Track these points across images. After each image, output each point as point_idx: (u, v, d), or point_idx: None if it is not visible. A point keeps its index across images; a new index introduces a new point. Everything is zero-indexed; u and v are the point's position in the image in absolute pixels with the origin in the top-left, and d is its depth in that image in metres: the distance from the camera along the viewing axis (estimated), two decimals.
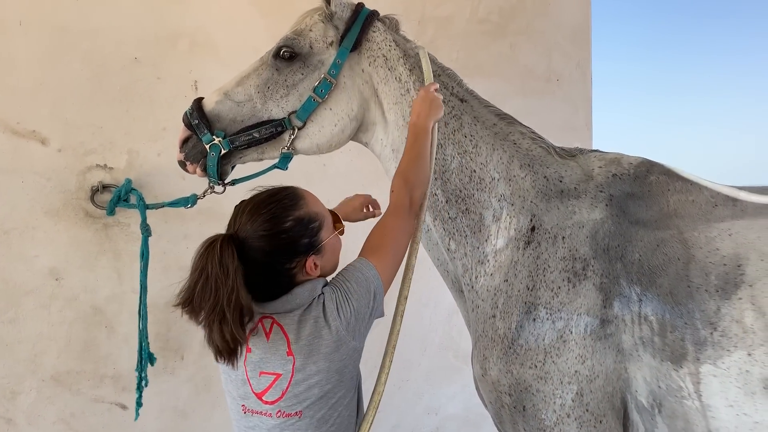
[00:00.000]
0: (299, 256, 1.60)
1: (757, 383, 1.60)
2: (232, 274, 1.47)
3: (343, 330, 1.56)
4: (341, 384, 1.59)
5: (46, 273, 2.68)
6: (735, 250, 1.71)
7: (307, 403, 1.56)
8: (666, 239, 1.80)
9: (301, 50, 2.06)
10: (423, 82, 2.09)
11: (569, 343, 1.79)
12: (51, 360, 2.69)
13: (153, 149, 2.89)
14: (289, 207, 1.61)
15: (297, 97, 2.06)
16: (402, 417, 3.62)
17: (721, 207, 1.84)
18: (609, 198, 1.93)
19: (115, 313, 2.81)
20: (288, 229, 1.58)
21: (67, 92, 2.73)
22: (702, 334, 1.67)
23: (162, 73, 2.92)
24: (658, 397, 1.74)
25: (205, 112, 2.05)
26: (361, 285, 1.62)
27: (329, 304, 1.58)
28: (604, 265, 1.83)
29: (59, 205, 2.70)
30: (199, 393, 3.02)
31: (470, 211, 2.07)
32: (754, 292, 1.64)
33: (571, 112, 4.32)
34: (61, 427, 2.70)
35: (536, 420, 1.82)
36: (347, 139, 2.17)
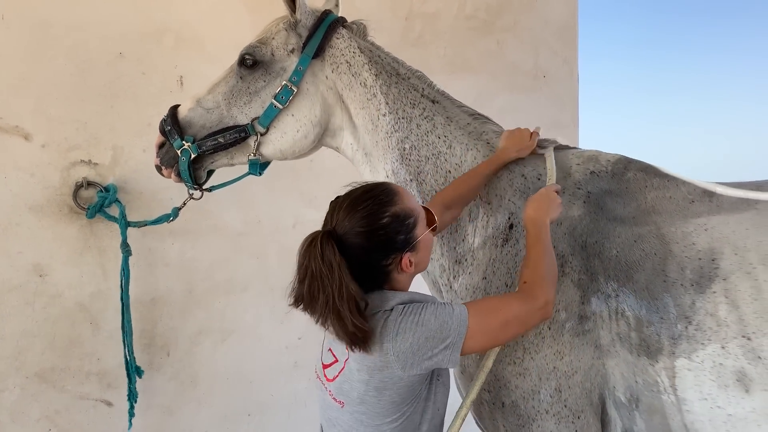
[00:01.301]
0: (395, 253, 1.59)
1: (731, 376, 1.62)
2: (336, 269, 1.48)
3: (392, 355, 1.50)
4: (380, 404, 1.55)
5: (30, 269, 2.66)
6: (710, 245, 1.73)
7: (348, 400, 1.58)
8: (643, 235, 1.81)
9: (263, 58, 2.11)
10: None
11: (547, 339, 1.79)
12: (35, 357, 2.67)
13: (138, 145, 2.87)
14: (385, 203, 1.59)
15: (260, 103, 2.11)
16: None
17: (698, 203, 1.85)
18: (587, 195, 1.94)
19: (99, 310, 2.79)
20: (385, 225, 1.57)
21: (51, 88, 2.71)
22: (677, 329, 1.68)
23: (147, 68, 2.91)
24: (636, 392, 1.75)
25: (178, 119, 2.15)
26: (440, 328, 1.52)
27: (391, 325, 1.52)
28: (582, 261, 1.84)
29: (43, 201, 2.68)
30: (186, 390, 3.01)
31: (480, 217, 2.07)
32: (728, 286, 1.66)
33: (557, 109, 4.33)
34: (46, 424, 2.69)
35: (515, 416, 1.82)
36: (311, 144, 2.18)
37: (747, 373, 1.60)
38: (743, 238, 1.71)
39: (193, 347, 3.02)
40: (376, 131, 2.15)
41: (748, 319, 1.62)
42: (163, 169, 2.21)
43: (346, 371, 1.58)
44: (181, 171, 2.14)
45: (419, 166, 2.11)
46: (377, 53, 2.20)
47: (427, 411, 1.63)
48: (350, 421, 1.60)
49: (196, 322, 3.02)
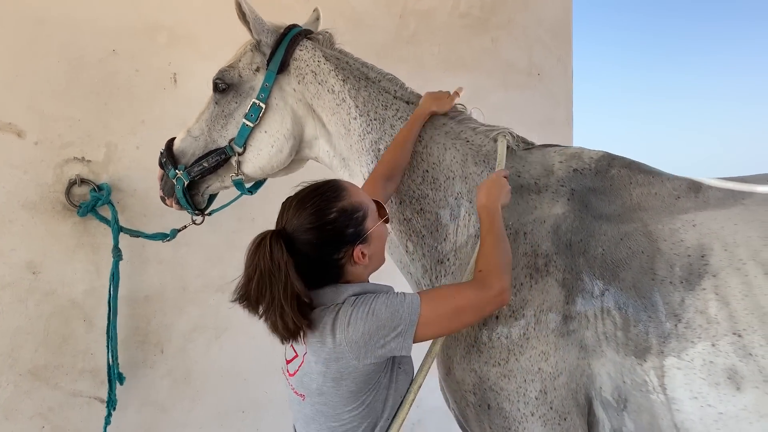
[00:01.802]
0: (346, 246, 1.62)
1: (721, 374, 1.60)
2: (283, 268, 1.52)
3: (345, 345, 1.54)
4: (338, 394, 1.59)
5: (23, 266, 2.65)
6: (699, 241, 1.71)
7: (308, 392, 1.63)
8: (630, 232, 1.80)
9: (232, 80, 2.19)
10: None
11: (532, 340, 1.77)
12: (28, 354, 2.67)
13: (131, 142, 2.87)
14: (332, 199, 1.63)
15: (234, 124, 2.18)
16: None
17: (684, 198, 1.84)
18: (570, 192, 1.92)
19: (93, 307, 2.79)
20: (333, 220, 1.61)
21: (44, 85, 2.70)
22: (666, 327, 1.67)
23: (140, 65, 2.90)
24: (623, 392, 1.73)
25: (172, 150, 2.26)
26: (391, 317, 1.55)
27: (342, 316, 1.56)
28: (567, 260, 1.81)
29: (36, 198, 2.67)
30: (179, 386, 3.01)
31: (425, 211, 2.08)
32: (718, 282, 1.65)
33: (552, 107, 4.34)
34: (39, 421, 2.69)
35: (501, 418, 1.81)
36: (287, 157, 2.23)
37: (738, 370, 1.59)
38: (732, 233, 1.70)
39: (187, 344, 3.02)
40: (350, 135, 2.17)
41: (739, 315, 1.60)
42: (166, 199, 2.33)
43: (305, 365, 1.62)
44: (179, 198, 2.26)
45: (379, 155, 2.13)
46: (345, 60, 2.22)
47: (389, 398, 1.67)
48: (312, 413, 1.65)
49: (190, 319, 3.02)
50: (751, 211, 1.73)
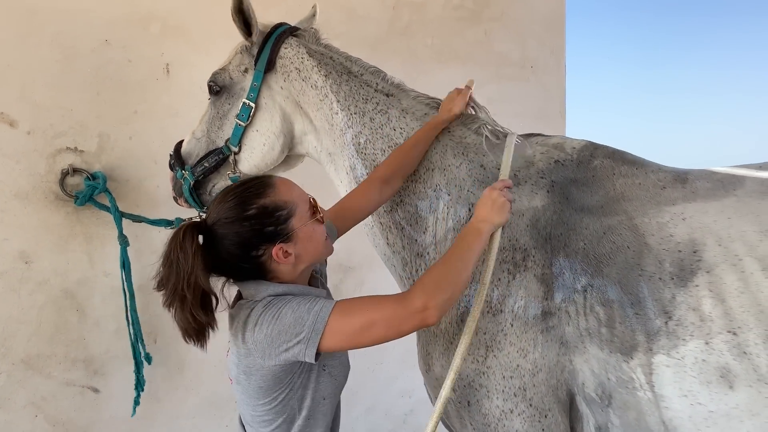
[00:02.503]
0: (264, 244, 1.60)
1: (714, 372, 1.56)
2: (191, 257, 1.52)
3: (251, 344, 1.55)
4: (250, 387, 1.62)
5: (15, 256, 2.65)
6: (690, 236, 1.66)
7: (233, 377, 1.68)
8: (613, 226, 1.75)
9: (224, 83, 2.26)
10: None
11: (510, 336, 1.74)
12: (21, 343, 2.67)
13: (124, 133, 2.87)
14: (254, 195, 1.61)
15: (229, 125, 2.25)
16: (376, 399, 3.66)
17: (670, 189, 1.79)
18: (551, 184, 1.87)
19: (86, 297, 2.79)
20: (251, 216, 1.59)
21: (36, 74, 2.69)
22: (655, 324, 1.62)
23: (133, 55, 2.90)
24: (608, 389, 1.70)
25: (180, 153, 2.35)
26: (294, 323, 1.52)
27: (254, 315, 1.56)
28: (546, 255, 1.78)
29: (29, 188, 2.67)
30: (173, 377, 3.02)
31: (405, 203, 2.07)
32: (712, 279, 1.59)
33: (545, 100, 4.35)
34: (32, 410, 2.69)
35: (480, 415, 1.79)
36: (279, 155, 2.27)
37: (731, 369, 1.55)
38: (726, 227, 1.64)
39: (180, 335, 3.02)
40: (333, 130, 2.18)
41: (735, 313, 1.56)
42: (178, 199, 2.42)
43: (230, 352, 1.66)
44: (186, 197, 2.34)
45: (375, 158, 2.12)
46: (329, 55, 2.22)
47: (306, 399, 1.67)
48: (237, 397, 1.71)
49: None
50: (744, 203, 1.68)
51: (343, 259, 3.54)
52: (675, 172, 1.86)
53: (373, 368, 3.63)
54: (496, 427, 1.77)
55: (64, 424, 2.76)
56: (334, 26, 2.34)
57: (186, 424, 3.05)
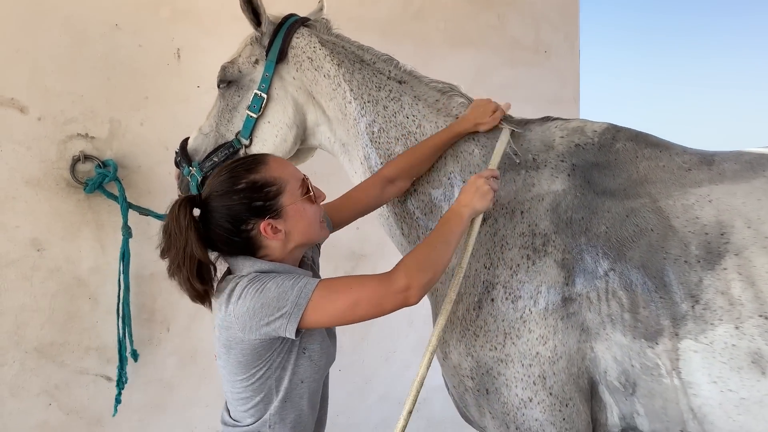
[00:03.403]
0: (253, 219, 1.62)
1: (745, 357, 1.52)
2: (185, 229, 1.58)
3: (233, 317, 1.57)
4: (229, 361, 1.64)
5: (27, 244, 2.64)
6: (717, 218, 1.61)
7: (217, 351, 1.70)
8: (636, 209, 1.71)
9: (233, 75, 2.22)
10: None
11: (529, 323, 1.71)
12: (34, 331, 2.66)
13: (135, 118, 2.84)
14: (246, 171, 1.65)
15: (239, 117, 2.21)
16: (389, 388, 3.64)
17: (696, 171, 1.74)
18: (571, 168, 1.84)
19: (98, 285, 2.77)
20: (240, 190, 1.62)
21: (46, 59, 2.66)
22: (681, 308, 1.58)
23: (143, 40, 2.86)
24: (632, 376, 1.66)
25: (186, 149, 2.29)
26: (277, 297, 1.54)
27: (238, 288, 1.58)
28: (567, 239, 1.74)
29: (40, 174, 2.65)
30: (186, 365, 3.00)
31: (418, 192, 2.05)
32: (741, 261, 1.55)
33: (558, 85, 4.29)
34: (45, 399, 2.68)
35: (499, 404, 1.76)
36: (292, 146, 2.24)
37: (764, 354, 1.50)
38: (756, 209, 1.59)
39: (193, 323, 3.00)
40: (346, 119, 2.15)
41: (766, 297, 1.51)
42: None
43: (215, 326, 1.67)
44: None
45: (389, 147, 2.09)
46: (341, 44, 2.19)
47: (283, 380, 1.67)
48: (220, 372, 1.73)
49: None
50: None
51: (356, 248, 3.51)
52: (701, 154, 1.81)
53: (386, 357, 3.61)
54: (515, 415, 1.74)
55: (78, 412, 2.75)
56: (346, 10, 2.30)
57: (199, 412, 3.04)
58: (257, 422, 1.67)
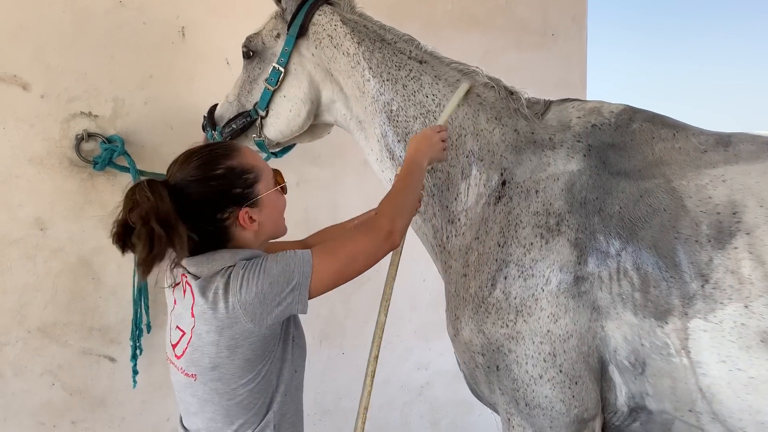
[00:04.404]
0: (231, 206, 1.57)
1: (754, 337, 1.52)
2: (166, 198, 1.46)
3: (239, 308, 1.49)
4: (232, 362, 1.54)
5: (30, 223, 2.61)
6: (730, 197, 1.62)
7: (200, 369, 1.56)
8: (651, 189, 1.72)
9: (256, 47, 2.30)
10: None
11: (541, 301, 1.73)
12: (37, 311, 2.64)
13: (139, 97, 2.80)
14: (221, 156, 1.60)
15: (258, 89, 2.29)
16: (392, 372, 3.64)
17: (712, 153, 1.74)
18: (587, 148, 1.85)
19: (102, 265, 2.75)
20: (219, 176, 1.56)
21: (49, 36, 2.62)
22: (691, 288, 1.59)
23: (148, 17, 2.82)
24: (641, 355, 1.68)
25: (213, 115, 2.41)
26: (282, 272, 1.52)
27: (234, 279, 1.51)
28: (580, 219, 1.75)
29: (43, 153, 2.62)
30: None
31: (436, 170, 2.06)
32: (752, 241, 1.55)
33: (565, 68, 4.25)
34: (49, 378, 2.67)
35: (509, 380, 1.78)
36: (304, 121, 2.27)
37: None
38: None
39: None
40: (364, 97, 2.17)
41: None
42: None
43: (194, 340, 1.54)
44: None
45: (407, 126, 2.11)
46: (363, 23, 2.22)
47: (284, 372, 1.64)
48: (204, 393, 1.57)
49: None
50: None
51: None
52: (717, 136, 1.81)
53: (389, 340, 3.60)
54: (525, 392, 1.76)
55: (81, 392, 2.74)
56: None
57: None
58: (258, 427, 1.60)
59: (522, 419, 1.82)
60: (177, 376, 1.63)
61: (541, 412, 1.76)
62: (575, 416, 1.74)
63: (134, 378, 2.75)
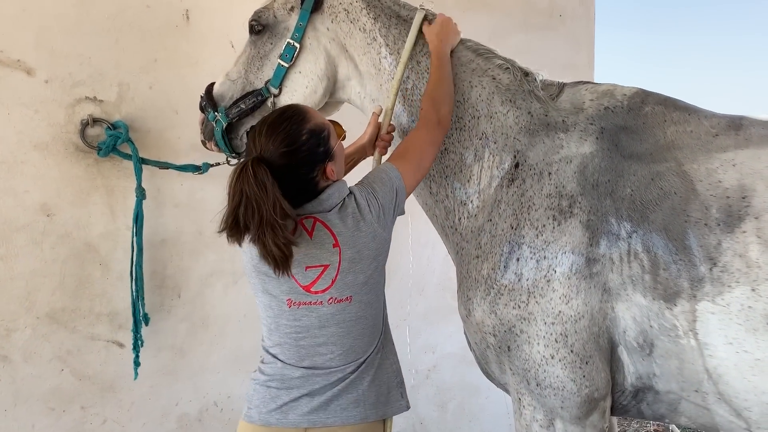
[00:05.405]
0: (319, 164, 1.74)
1: (761, 319, 1.55)
2: (270, 189, 1.59)
3: (375, 222, 1.76)
4: (377, 270, 1.81)
5: (37, 208, 2.60)
6: (740, 182, 1.64)
7: (355, 288, 1.76)
8: (662, 172, 1.74)
9: (267, 21, 2.19)
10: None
11: (553, 282, 1.75)
12: (45, 297, 2.64)
13: (144, 81, 2.79)
14: (300, 121, 1.73)
15: (269, 66, 2.19)
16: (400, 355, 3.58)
17: (723, 137, 1.76)
18: (600, 131, 1.86)
19: (109, 251, 2.75)
20: (305, 141, 1.71)
21: (53, 20, 2.60)
22: (700, 271, 1.61)
23: (151, 1, 2.79)
24: (650, 337, 1.70)
25: (212, 94, 2.25)
26: (385, 184, 1.81)
27: (361, 200, 1.77)
28: (593, 201, 1.77)
29: (48, 138, 2.60)
30: (197, 331, 2.99)
31: (449, 151, 2.06)
32: (761, 225, 1.57)
33: (573, 50, 4.21)
34: (58, 364, 2.68)
35: (521, 360, 1.81)
36: (321, 98, 2.23)
37: None
38: None
39: (205, 289, 2.99)
40: (379, 74, 2.15)
41: None
42: (206, 143, 2.32)
43: (344, 264, 1.73)
44: (217, 140, 2.24)
45: (406, 86, 2.12)
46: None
47: None
48: (359, 310, 1.78)
49: (207, 263, 2.98)
50: None
51: None
52: (729, 119, 1.82)
53: (397, 324, 3.60)
54: (537, 372, 1.79)
55: (90, 378, 2.75)
56: None
57: (211, 378, 3.04)
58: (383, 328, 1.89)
59: (533, 399, 1.83)
60: (318, 311, 1.75)
61: (552, 392, 1.78)
62: (586, 396, 1.76)
63: (135, 369, 2.74)
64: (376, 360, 1.84)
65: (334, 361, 1.77)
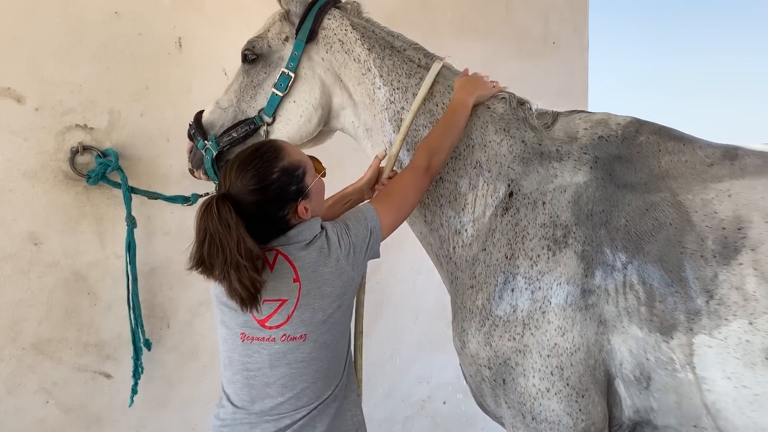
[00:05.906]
0: (290, 203, 1.70)
1: (759, 354, 1.52)
2: (234, 227, 1.56)
3: (343, 259, 1.72)
4: (340, 310, 1.74)
5: (24, 237, 2.57)
6: (735, 212, 1.62)
7: (312, 327, 1.69)
8: (656, 203, 1.72)
9: (261, 50, 2.19)
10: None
11: (548, 314, 1.73)
12: (31, 327, 2.59)
13: (136, 109, 2.77)
14: (273, 159, 1.70)
15: (263, 94, 2.19)
16: (394, 385, 3.59)
17: (718, 166, 1.74)
18: (594, 160, 1.85)
19: (97, 280, 2.71)
20: (275, 180, 1.68)
21: (44, 48, 2.58)
22: (696, 303, 1.59)
23: (144, 29, 2.79)
24: (647, 370, 1.67)
25: (201, 122, 2.24)
26: (359, 222, 1.78)
27: (332, 235, 1.73)
28: (587, 231, 1.75)
29: (37, 166, 2.58)
30: (186, 362, 2.94)
31: (444, 180, 2.04)
32: (757, 257, 1.55)
33: (567, 77, 4.24)
34: (43, 396, 2.62)
35: (516, 394, 1.77)
36: (315, 127, 2.22)
37: None
38: None
39: (194, 318, 2.94)
40: (374, 105, 2.14)
41: None
42: (194, 171, 2.32)
43: (303, 300, 1.68)
44: (206, 169, 2.24)
45: (416, 134, 2.09)
46: (371, 28, 2.19)
47: None
48: (313, 350, 1.70)
49: (196, 293, 2.94)
50: None
51: None
52: (724, 149, 1.80)
53: (390, 353, 3.55)
54: (532, 405, 1.75)
55: (76, 410, 2.69)
56: None
57: (199, 409, 2.98)
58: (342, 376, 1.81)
59: None
60: (270, 348, 1.69)
61: (548, 426, 1.75)
62: (582, 430, 1.73)
63: (132, 397, 2.70)
64: (332, 408, 1.76)
65: (284, 406, 1.70)
